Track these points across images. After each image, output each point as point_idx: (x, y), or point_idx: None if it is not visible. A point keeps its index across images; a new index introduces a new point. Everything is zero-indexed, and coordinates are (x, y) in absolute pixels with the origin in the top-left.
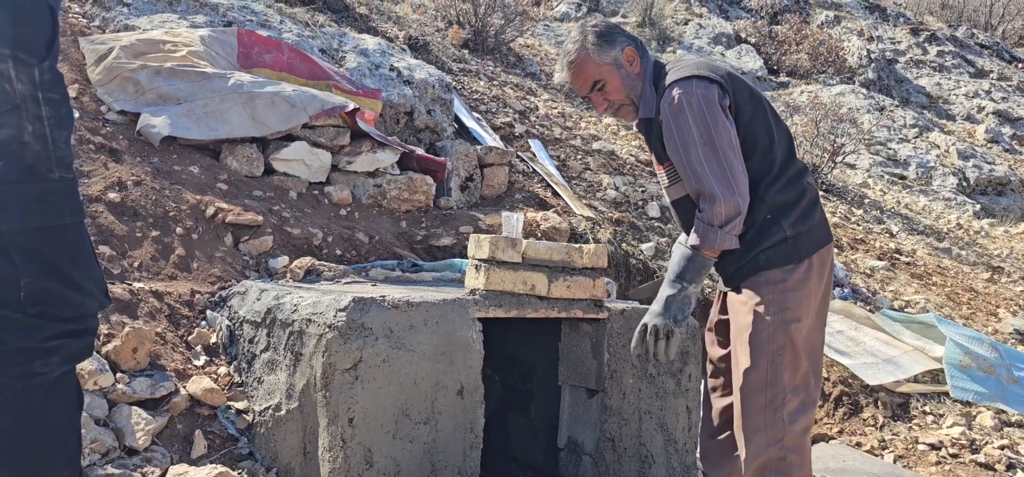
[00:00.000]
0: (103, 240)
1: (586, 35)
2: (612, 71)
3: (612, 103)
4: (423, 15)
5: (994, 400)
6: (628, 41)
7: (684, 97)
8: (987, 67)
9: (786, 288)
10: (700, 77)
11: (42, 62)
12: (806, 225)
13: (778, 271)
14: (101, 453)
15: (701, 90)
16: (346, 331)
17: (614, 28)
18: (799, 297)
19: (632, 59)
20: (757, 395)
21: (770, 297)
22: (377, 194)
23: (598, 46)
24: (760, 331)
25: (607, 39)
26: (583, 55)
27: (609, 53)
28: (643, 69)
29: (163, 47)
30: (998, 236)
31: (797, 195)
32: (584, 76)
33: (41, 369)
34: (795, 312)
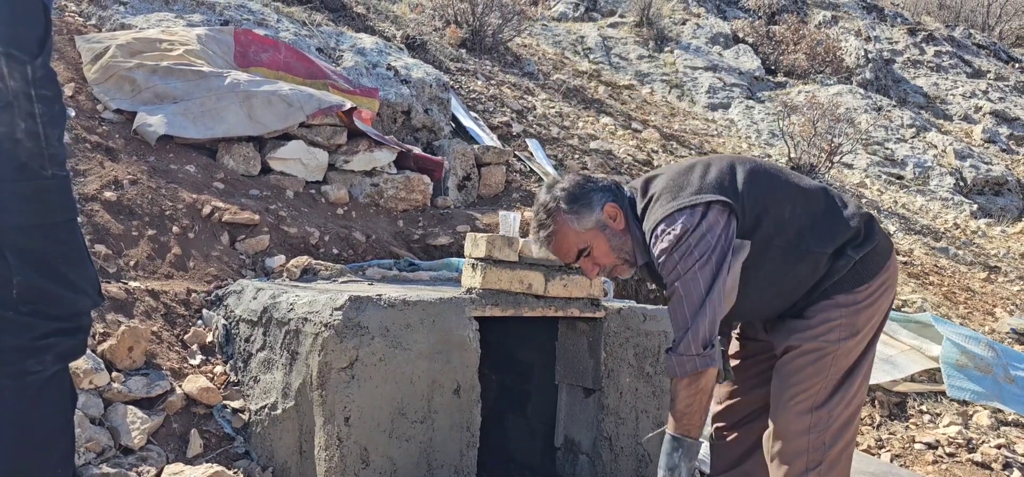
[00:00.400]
0: (99, 239)
1: (558, 202)
2: (597, 235)
3: (603, 266)
4: (421, 14)
5: (991, 399)
6: (605, 195)
7: (674, 238)
8: (984, 67)
9: (858, 309)
10: (690, 206)
11: (35, 59)
12: (871, 245)
13: (848, 295)
14: (96, 452)
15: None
16: (342, 330)
17: (587, 185)
18: (869, 315)
19: (615, 215)
20: (803, 417)
21: (842, 319)
22: (374, 193)
23: (575, 213)
24: (826, 354)
25: (583, 202)
26: (560, 224)
27: (589, 217)
28: (627, 220)
29: (160, 46)
30: (995, 236)
31: (848, 223)
32: (566, 246)
33: (34, 367)
34: (864, 333)
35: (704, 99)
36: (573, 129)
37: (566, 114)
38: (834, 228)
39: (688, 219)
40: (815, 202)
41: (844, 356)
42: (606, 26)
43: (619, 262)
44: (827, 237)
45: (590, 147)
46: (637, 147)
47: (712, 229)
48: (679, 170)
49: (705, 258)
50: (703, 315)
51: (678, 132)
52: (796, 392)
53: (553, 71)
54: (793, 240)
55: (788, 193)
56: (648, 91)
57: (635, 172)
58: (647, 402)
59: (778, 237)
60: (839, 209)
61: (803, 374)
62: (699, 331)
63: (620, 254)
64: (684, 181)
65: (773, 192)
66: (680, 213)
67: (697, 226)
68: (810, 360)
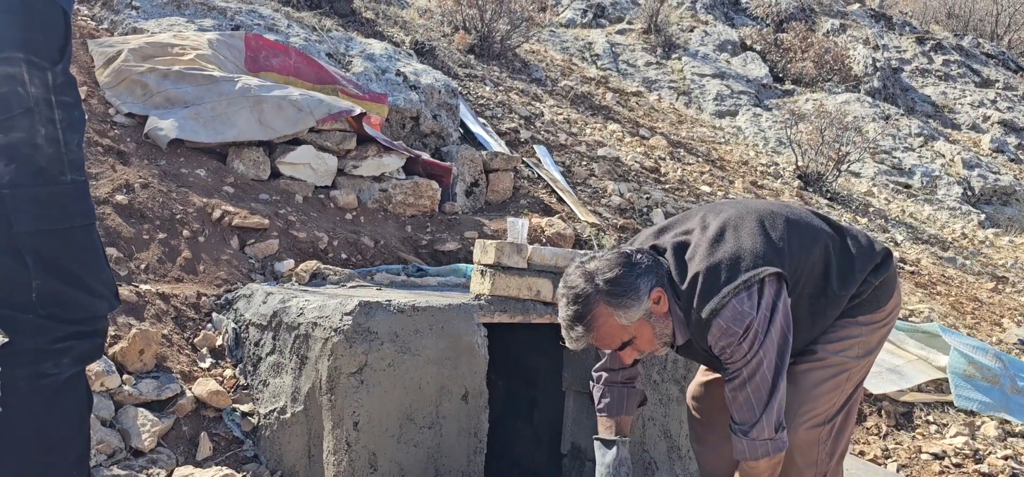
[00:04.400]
0: (110, 242)
1: (599, 292)
2: (643, 326)
3: (643, 352)
4: (429, 20)
5: (998, 410)
6: (650, 280)
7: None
8: (993, 76)
9: (875, 328)
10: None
11: (55, 65)
12: (885, 273)
13: (868, 316)
14: (107, 454)
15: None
16: (352, 335)
17: (632, 271)
18: (881, 335)
19: (659, 299)
20: (819, 428)
21: (861, 336)
22: (383, 198)
23: (623, 307)
24: (846, 369)
25: (631, 293)
26: (603, 317)
27: (637, 309)
28: (669, 299)
29: (171, 50)
30: (1003, 246)
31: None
32: (608, 339)
33: (51, 370)
34: (874, 351)
35: (711, 106)
36: (581, 136)
37: (574, 120)
38: (854, 269)
39: (747, 304)
40: (836, 245)
41: (858, 373)
42: (614, 33)
43: (660, 346)
44: (850, 280)
45: (598, 154)
46: (644, 154)
47: (772, 307)
48: (711, 240)
49: (771, 342)
50: (774, 399)
51: (685, 139)
52: (812, 407)
53: (561, 77)
54: (821, 285)
55: (816, 240)
56: (656, 98)
57: (643, 179)
58: (654, 410)
59: (808, 286)
60: (857, 249)
61: (822, 388)
62: (772, 416)
63: (662, 339)
64: (728, 256)
65: (803, 244)
66: (737, 299)
67: (758, 309)
68: (830, 374)
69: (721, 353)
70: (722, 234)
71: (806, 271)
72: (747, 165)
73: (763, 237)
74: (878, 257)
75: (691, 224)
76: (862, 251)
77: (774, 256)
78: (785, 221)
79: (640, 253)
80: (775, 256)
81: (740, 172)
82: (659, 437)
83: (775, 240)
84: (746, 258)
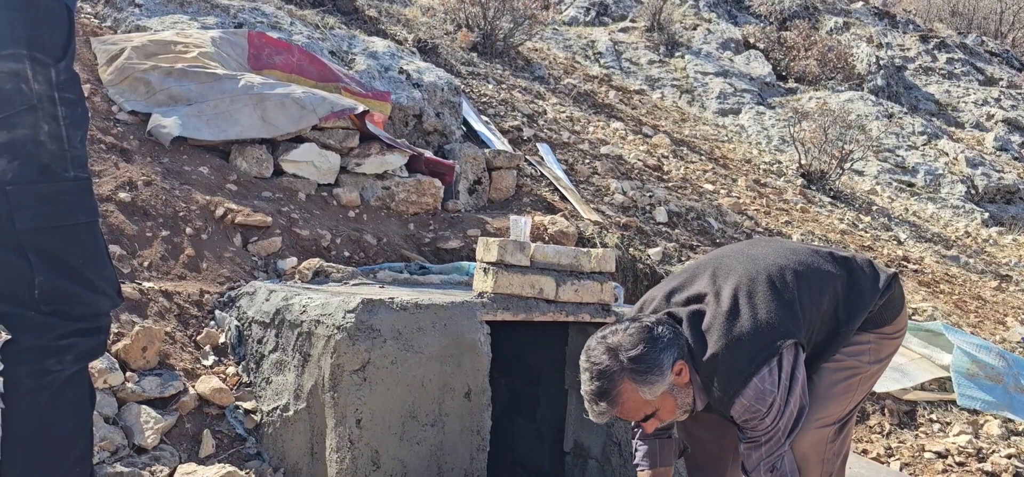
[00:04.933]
0: (113, 239)
1: (625, 370)
2: (666, 398)
3: (664, 421)
4: (432, 18)
5: (1001, 409)
6: (672, 353)
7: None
8: (997, 75)
9: (884, 338)
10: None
11: (59, 62)
12: (891, 292)
13: (878, 326)
14: (110, 451)
15: (770, 383)
16: (354, 333)
17: (655, 346)
18: (889, 347)
19: (681, 370)
20: (828, 429)
21: (872, 344)
22: (385, 196)
23: (647, 383)
24: (858, 373)
25: (656, 370)
26: (627, 392)
27: (661, 384)
28: (690, 369)
29: (174, 48)
30: (1006, 244)
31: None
32: (631, 412)
33: (54, 367)
34: (885, 359)
35: (714, 105)
36: (584, 134)
37: (577, 119)
38: (862, 304)
39: (769, 381)
40: (843, 284)
41: (869, 380)
42: (617, 31)
43: (681, 414)
44: (857, 315)
45: (601, 152)
46: (647, 152)
47: (792, 378)
48: (728, 311)
49: (789, 413)
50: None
51: (688, 138)
52: (825, 407)
53: (564, 76)
54: (831, 326)
55: (824, 288)
56: (658, 96)
57: (646, 177)
58: None
59: (820, 333)
60: (864, 282)
61: (836, 389)
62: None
63: (684, 408)
64: (746, 332)
65: (813, 295)
66: (759, 378)
67: (779, 384)
68: (843, 377)
69: (743, 424)
70: (736, 305)
71: (818, 321)
72: (750, 163)
73: (776, 303)
74: (883, 285)
75: (702, 287)
76: (869, 284)
77: (790, 323)
78: (794, 275)
79: (661, 325)
80: (790, 322)
81: (743, 170)
82: None
83: (788, 302)
84: (764, 333)
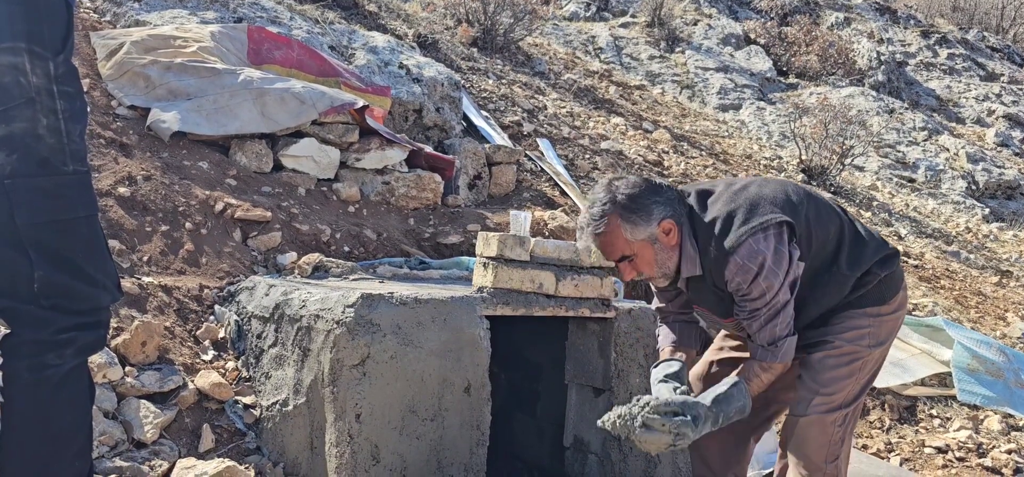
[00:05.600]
0: (113, 234)
1: (616, 204)
2: (645, 247)
3: (641, 273)
4: (432, 13)
5: (1001, 404)
6: (665, 209)
7: (755, 265)
8: (998, 70)
9: (883, 320)
10: (762, 227)
11: (57, 56)
12: (893, 267)
13: (875, 307)
14: (110, 445)
15: (765, 246)
16: (354, 327)
17: (649, 193)
18: (889, 328)
19: (669, 230)
20: (832, 413)
21: (871, 327)
22: (385, 191)
23: (631, 221)
24: (858, 358)
25: (642, 213)
26: (612, 227)
27: (644, 229)
28: (681, 234)
29: (174, 43)
30: (1007, 240)
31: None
32: (611, 249)
33: (54, 361)
34: (887, 342)
35: (715, 100)
36: (584, 129)
37: (577, 114)
38: (864, 255)
39: (763, 243)
40: (851, 231)
41: (872, 363)
42: (617, 26)
43: (658, 275)
44: (858, 263)
45: (601, 147)
46: (648, 148)
47: (786, 255)
48: (735, 191)
49: (779, 280)
50: (776, 319)
51: (689, 133)
52: (829, 392)
53: (564, 71)
54: (830, 262)
55: (832, 219)
56: (659, 92)
57: (646, 172)
58: None
59: (818, 259)
60: (869, 239)
61: (836, 373)
62: (766, 332)
63: (663, 268)
64: (747, 203)
65: (820, 216)
66: (754, 239)
67: (771, 250)
68: (843, 361)
69: (736, 289)
70: (746, 186)
71: (819, 241)
72: (750, 159)
73: (783, 194)
74: (887, 251)
75: (716, 183)
76: (873, 242)
77: (790, 211)
78: (806, 193)
79: (667, 189)
80: (791, 211)
81: (743, 166)
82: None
83: (793, 201)
84: (764, 205)
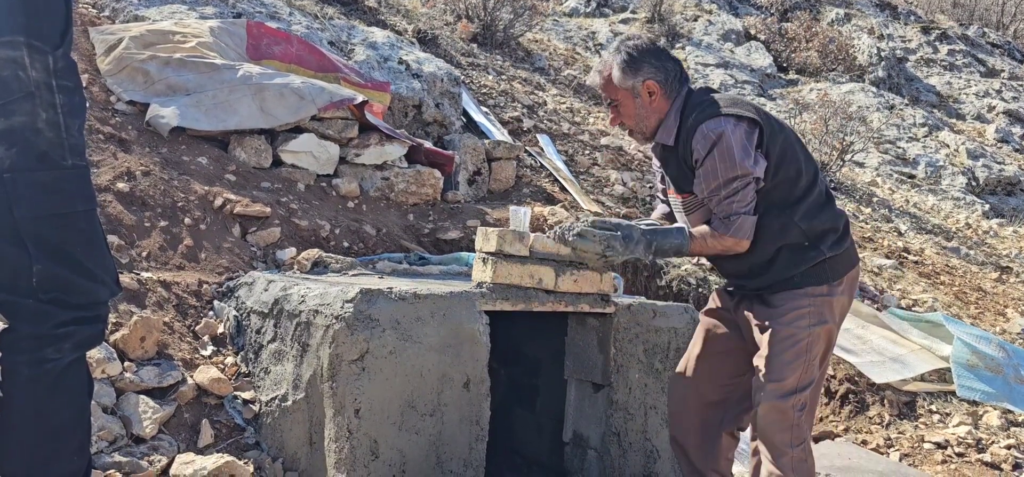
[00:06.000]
0: (112, 229)
1: (619, 52)
2: (627, 97)
3: (623, 124)
4: (432, 9)
5: (1001, 400)
6: (654, 73)
7: (716, 136)
8: (998, 66)
9: (824, 301)
10: (735, 115)
11: (56, 50)
12: (841, 248)
13: (816, 288)
14: (108, 441)
15: (731, 128)
16: (353, 322)
17: (647, 54)
18: (832, 307)
19: (652, 91)
20: (788, 398)
21: (810, 308)
22: (385, 187)
23: (622, 68)
24: (800, 338)
25: (632, 65)
26: (609, 68)
27: (628, 79)
28: (668, 101)
29: (172, 38)
30: (1007, 236)
31: (832, 222)
32: (605, 91)
33: (52, 355)
34: (830, 320)
35: None
36: (584, 125)
37: (577, 110)
38: (820, 216)
39: (728, 125)
40: (820, 192)
41: (818, 342)
42: (617, 22)
43: (635, 129)
44: (810, 218)
45: (601, 143)
46: None
47: (747, 145)
48: (730, 96)
49: (739, 160)
50: (731, 197)
51: None
52: (777, 378)
53: (564, 67)
54: (786, 204)
55: (804, 162)
56: None
57: (645, 168)
58: (656, 398)
59: (778, 192)
60: (830, 209)
61: (781, 359)
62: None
63: (640, 124)
64: (732, 99)
65: (791, 149)
66: (724, 118)
67: (735, 131)
68: (787, 345)
69: (697, 161)
70: (739, 97)
71: (784, 175)
72: None
73: (769, 114)
74: (841, 227)
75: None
76: (833, 213)
77: (765, 122)
78: (794, 135)
79: (673, 60)
80: (766, 122)
81: None
82: (661, 425)
83: (775, 123)
84: (745, 105)
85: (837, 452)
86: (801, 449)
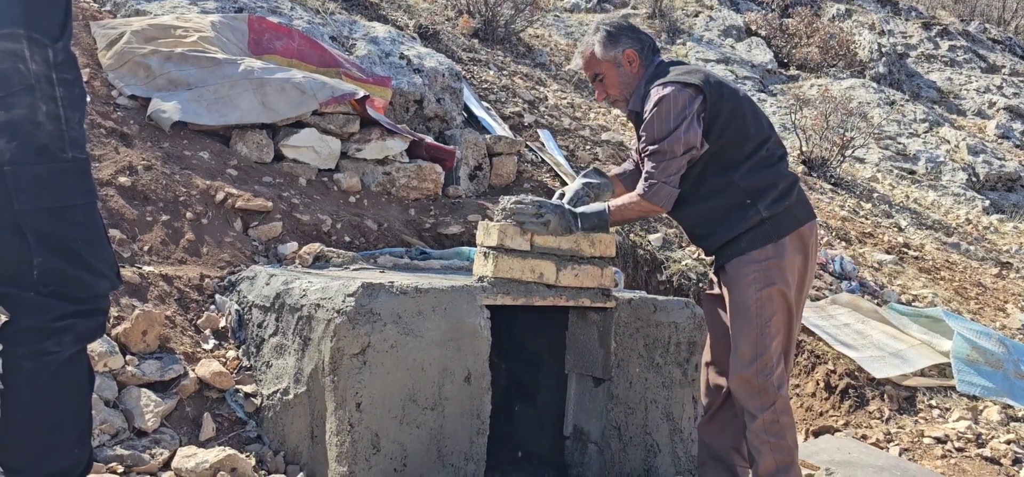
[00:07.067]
0: (114, 224)
1: (598, 30)
2: (611, 68)
3: (609, 95)
4: (433, 4)
5: (1001, 395)
6: (632, 43)
7: (658, 98)
8: (999, 62)
9: (769, 264)
10: (681, 83)
11: (56, 42)
12: (782, 206)
13: (759, 251)
14: (110, 434)
15: (674, 93)
16: (354, 316)
17: (624, 29)
18: (781, 269)
19: (632, 60)
20: (748, 367)
21: (755, 274)
22: (386, 182)
23: (603, 43)
24: (749, 305)
25: (612, 38)
26: (590, 45)
27: (610, 51)
28: (644, 69)
29: (174, 32)
30: (1007, 232)
31: (772, 179)
32: (589, 67)
33: (53, 348)
34: (779, 282)
35: None
36: (584, 120)
37: (578, 105)
38: (762, 172)
39: (677, 91)
40: (767, 153)
41: (769, 306)
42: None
43: (621, 98)
44: (748, 174)
45: (602, 138)
46: None
47: (687, 113)
48: (690, 66)
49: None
50: (661, 162)
51: None
52: (737, 348)
53: (565, 62)
54: (728, 165)
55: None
56: None
57: None
58: (657, 392)
59: (721, 154)
60: (776, 164)
61: (737, 327)
62: (656, 171)
63: (624, 91)
64: (685, 69)
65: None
66: (675, 86)
67: (679, 96)
68: (739, 314)
69: (641, 122)
70: (699, 67)
71: (727, 135)
72: None
73: (716, 80)
74: (781, 184)
75: None
76: (776, 172)
77: (714, 92)
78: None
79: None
80: (715, 92)
81: None
82: (661, 419)
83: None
84: (696, 73)
85: (837, 447)
86: (771, 411)
